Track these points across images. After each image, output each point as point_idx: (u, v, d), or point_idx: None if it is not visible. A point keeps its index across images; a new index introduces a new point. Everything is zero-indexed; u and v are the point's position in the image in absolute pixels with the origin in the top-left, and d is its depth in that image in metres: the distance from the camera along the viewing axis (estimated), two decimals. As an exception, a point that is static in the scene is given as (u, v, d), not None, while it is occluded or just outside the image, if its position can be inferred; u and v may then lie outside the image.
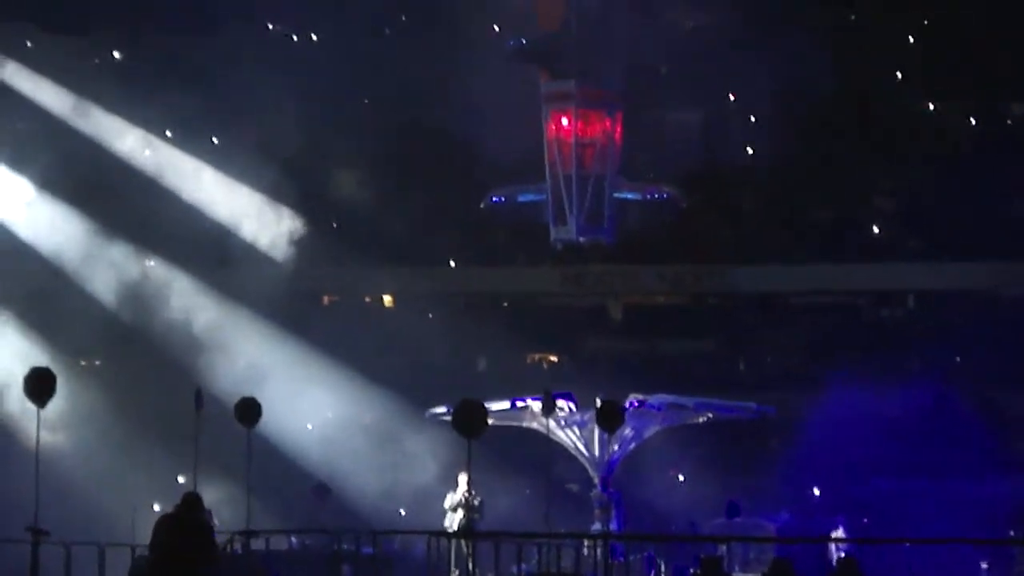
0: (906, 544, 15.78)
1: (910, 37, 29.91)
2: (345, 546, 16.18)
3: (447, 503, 17.30)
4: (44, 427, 16.61)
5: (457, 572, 16.02)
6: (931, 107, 27.21)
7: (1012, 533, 21.84)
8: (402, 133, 25.49)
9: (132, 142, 22.77)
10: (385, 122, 24.80)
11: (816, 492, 22.75)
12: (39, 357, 19.06)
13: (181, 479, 17.75)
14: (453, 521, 17.10)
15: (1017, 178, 25.93)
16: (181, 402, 16.87)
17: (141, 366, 23.10)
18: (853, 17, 29.97)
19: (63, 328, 22.69)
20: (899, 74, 27.46)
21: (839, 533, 18.89)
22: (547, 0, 24.92)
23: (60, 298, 23.55)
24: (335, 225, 24.99)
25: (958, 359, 24.85)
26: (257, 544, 14.89)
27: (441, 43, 24.44)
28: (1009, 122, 29.19)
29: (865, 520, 21.02)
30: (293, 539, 17.81)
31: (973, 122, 28.13)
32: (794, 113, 26.59)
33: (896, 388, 22.43)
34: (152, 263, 23.04)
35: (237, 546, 14.49)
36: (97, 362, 24.04)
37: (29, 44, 24.18)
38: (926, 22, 29.87)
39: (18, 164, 22.94)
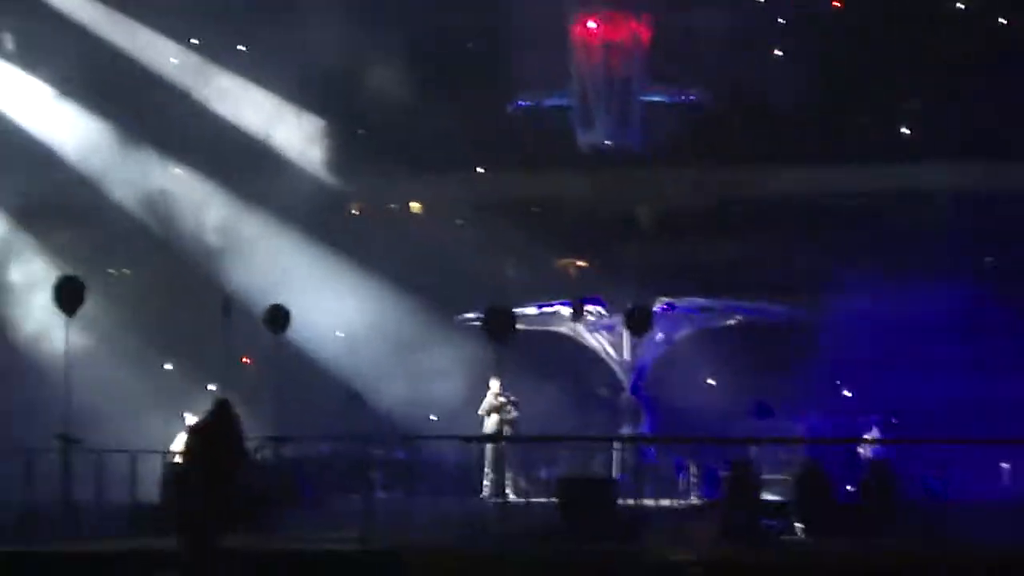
0: (940, 445, 16.94)
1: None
2: (376, 452, 17.36)
3: (481, 408, 18.34)
4: (72, 335, 16.88)
5: (491, 475, 17.64)
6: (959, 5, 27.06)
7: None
8: (429, 38, 23.92)
9: (157, 49, 22.49)
10: (413, 28, 23.41)
11: (847, 394, 22.55)
12: (64, 266, 20.17)
13: (211, 387, 18.78)
14: (487, 425, 18.39)
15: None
16: (210, 310, 18.99)
17: (170, 275, 23.09)
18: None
19: (89, 236, 23.02)
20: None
21: (874, 434, 18.75)
22: None
23: (85, 206, 23.30)
24: (361, 132, 24.32)
25: (990, 259, 25.20)
26: (287, 451, 16.40)
27: None
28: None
29: (895, 421, 20.14)
30: (323, 446, 18.53)
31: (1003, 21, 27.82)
32: (820, 17, 25.55)
33: (928, 289, 21.47)
34: (178, 171, 23.14)
35: (267, 452, 15.54)
36: (125, 271, 24.01)
37: None
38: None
39: (39, 70, 22.85)
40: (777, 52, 25.47)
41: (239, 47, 23.24)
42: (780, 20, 25.47)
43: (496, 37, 23.86)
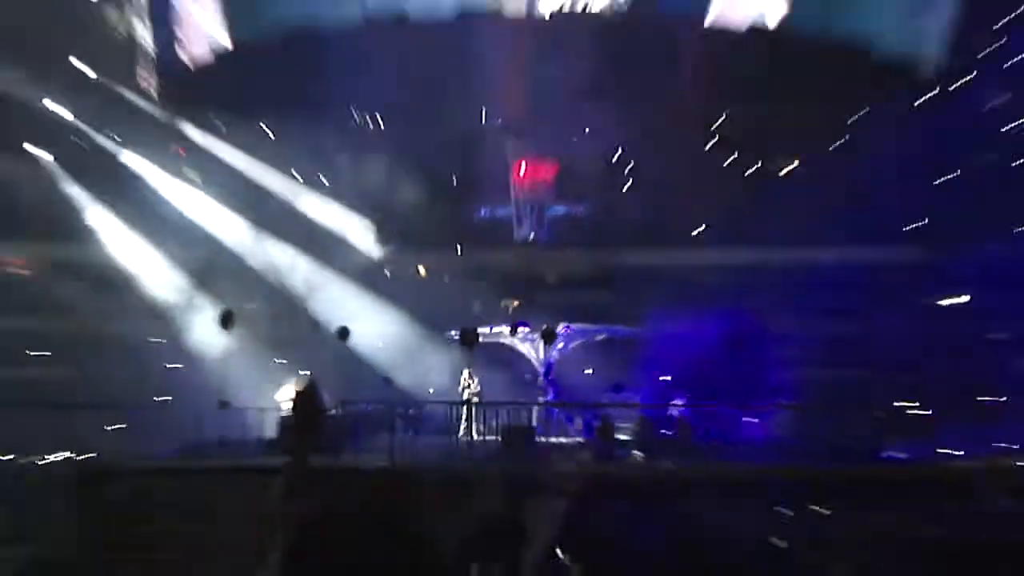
0: (715, 408, 26.26)
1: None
2: (398, 410, 25.25)
3: (460, 386, 27.28)
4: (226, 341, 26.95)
5: (465, 424, 25.31)
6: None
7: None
8: (433, 173, 33.35)
9: (277, 181, 33.63)
10: (424, 166, 33.15)
11: (665, 378, 30.14)
12: (223, 302, 29.35)
13: (304, 372, 23.27)
14: (463, 395, 26.91)
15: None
16: (302, 328, 30.32)
17: (280, 307, 32.88)
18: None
19: (233, 285, 32.05)
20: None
21: (678, 402, 27.15)
22: (514, 94, 31.67)
23: (231, 267, 32.97)
24: (392, 226, 33.98)
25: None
26: (348, 409, 22.97)
27: (452, 121, 32.68)
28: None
29: (691, 395, 28.11)
30: (368, 406, 25.21)
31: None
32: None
33: (715, 319, 30.34)
34: (286, 247, 33.34)
35: (338, 410, 21.99)
36: (256, 305, 32.68)
37: (216, 122, 33.99)
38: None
39: (211, 190, 34.08)
40: (629, 183, 34.70)
41: (321, 176, 33.80)
42: (631, 164, 34.65)
43: (472, 172, 34.38)
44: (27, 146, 33.68)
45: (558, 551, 16.40)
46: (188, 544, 17.05)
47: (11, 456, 21.77)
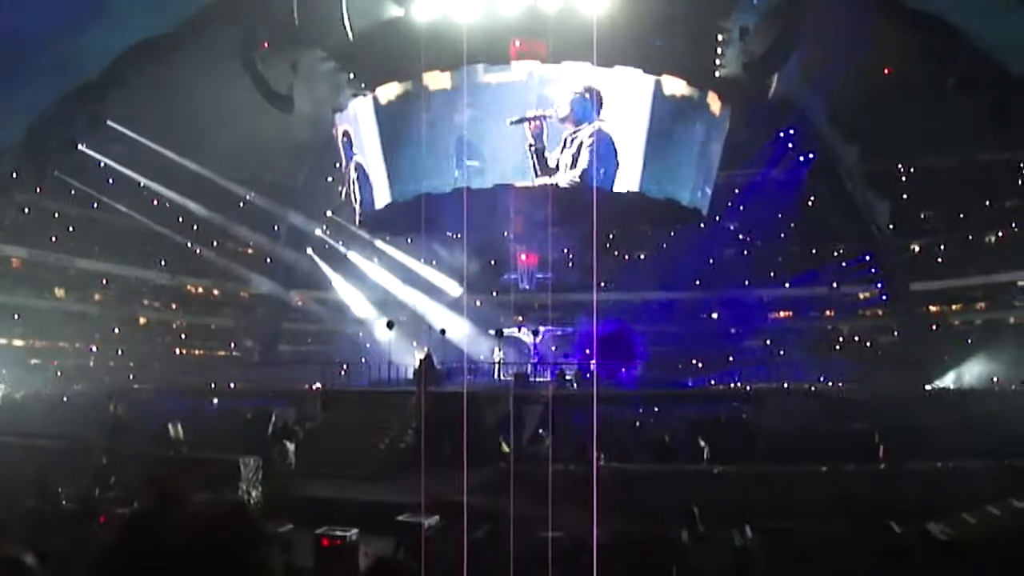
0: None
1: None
2: (469, 365, 45.04)
3: (494, 356, 49.33)
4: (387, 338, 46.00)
5: (497, 371, 46.57)
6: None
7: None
8: (483, 260, 58.57)
9: (413, 263, 64.54)
10: (481, 258, 57.63)
11: (588, 351, 46.31)
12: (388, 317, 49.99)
13: (424, 348, 41.04)
14: (495, 360, 48.01)
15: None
16: (422, 330, 53.35)
17: (412, 320, 56.10)
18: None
19: (393, 310, 55.05)
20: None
21: (592, 361, 51.94)
22: (520, 224, 47.05)
23: (392, 301, 59.65)
24: (465, 283, 57.30)
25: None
26: (443, 366, 40.79)
27: (490, 237, 52.57)
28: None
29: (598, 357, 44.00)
30: (452, 364, 42.39)
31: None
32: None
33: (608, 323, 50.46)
34: (416, 294, 59.64)
35: (441, 366, 38.54)
36: (402, 319, 54.60)
37: (386, 239, 60.85)
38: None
39: (383, 268, 62.36)
40: (570, 265, 55.34)
41: (433, 263, 59.03)
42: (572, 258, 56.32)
43: (501, 259, 55.00)
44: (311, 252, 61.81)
45: (540, 431, 26.66)
46: (377, 424, 28.46)
47: (313, 385, 42.20)
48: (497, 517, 13.49)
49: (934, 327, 61.81)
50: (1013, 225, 60.71)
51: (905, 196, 62.92)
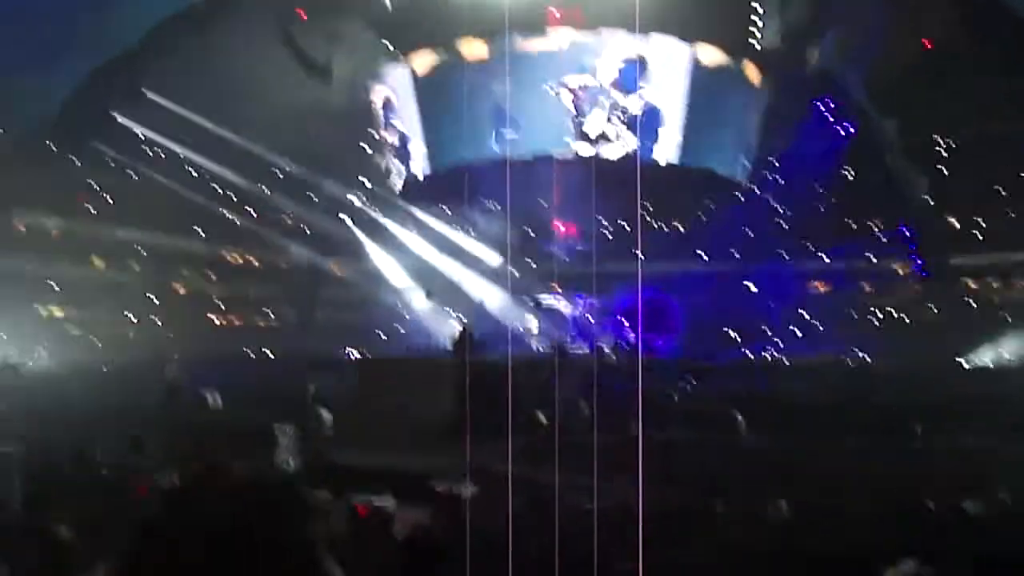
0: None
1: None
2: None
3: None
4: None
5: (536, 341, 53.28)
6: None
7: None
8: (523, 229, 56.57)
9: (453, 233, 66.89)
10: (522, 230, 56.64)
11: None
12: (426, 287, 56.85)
13: (461, 318, 45.33)
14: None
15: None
16: (461, 300, 54.17)
17: (450, 291, 55.26)
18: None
19: (432, 283, 56.11)
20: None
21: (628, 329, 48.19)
22: (560, 193, 47.72)
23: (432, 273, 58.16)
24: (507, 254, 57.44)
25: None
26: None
27: (527, 207, 51.06)
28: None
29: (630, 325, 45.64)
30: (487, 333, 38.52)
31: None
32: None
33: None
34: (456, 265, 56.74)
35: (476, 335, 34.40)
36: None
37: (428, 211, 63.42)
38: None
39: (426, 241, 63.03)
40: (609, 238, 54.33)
41: (472, 232, 64.48)
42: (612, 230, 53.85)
43: (541, 230, 58.85)
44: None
45: (580, 402, 25.11)
46: (415, 393, 27.64)
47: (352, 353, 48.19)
48: (535, 487, 13.42)
49: (972, 302, 61.29)
50: (1054, 200, 60.14)
51: (944, 170, 61.53)
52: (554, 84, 44.59)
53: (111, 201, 60.67)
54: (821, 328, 57.11)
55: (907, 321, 62.11)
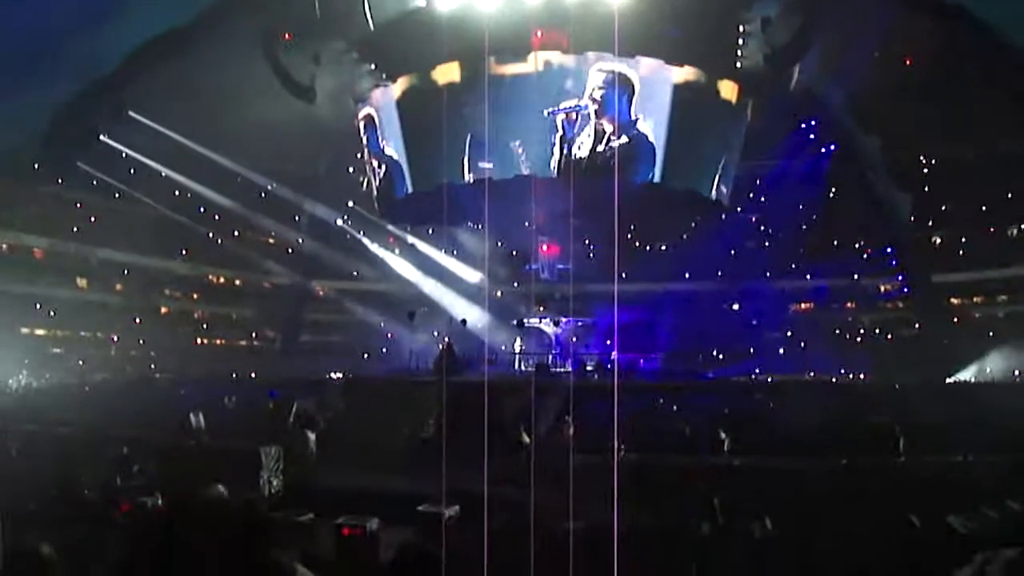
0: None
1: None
2: (488, 356, 40.74)
3: (516, 346, 52.20)
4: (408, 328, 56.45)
5: (518, 362, 51.55)
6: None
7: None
8: (509, 250, 60.35)
9: (435, 254, 63.91)
10: (507, 248, 58.88)
11: (608, 342, 49.15)
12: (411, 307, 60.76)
13: (445, 338, 42.64)
14: (516, 349, 52.58)
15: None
16: (443, 321, 54.47)
17: (434, 311, 58.16)
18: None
19: (417, 302, 57.50)
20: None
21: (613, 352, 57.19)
22: (542, 214, 47.46)
23: (416, 294, 59.05)
24: (489, 274, 61.63)
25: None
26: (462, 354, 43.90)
27: (512, 228, 52.27)
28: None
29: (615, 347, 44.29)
30: (470, 352, 42.90)
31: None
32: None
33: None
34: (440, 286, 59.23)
35: (460, 354, 40.08)
36: (424, 310, 60.64)
37: (408, 229, 67.27)
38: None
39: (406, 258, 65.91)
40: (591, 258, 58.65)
41: (455, 252, 65.95)
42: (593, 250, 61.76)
43: (524, 250, 58.85)
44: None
45: (562, 419, 25.42)
46: (398, 414, 28.82)
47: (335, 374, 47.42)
48: (517, 507, 13.30)
49: (956, 320, 61.70)
50: (1035, 217, 60.03)
51: (927, 188, 62.93)
52: (538, 106, 44.23)
53: (95, 221, 61.60)
54: (804, 346, 57.94)
55: (890, 338, 62.82)
